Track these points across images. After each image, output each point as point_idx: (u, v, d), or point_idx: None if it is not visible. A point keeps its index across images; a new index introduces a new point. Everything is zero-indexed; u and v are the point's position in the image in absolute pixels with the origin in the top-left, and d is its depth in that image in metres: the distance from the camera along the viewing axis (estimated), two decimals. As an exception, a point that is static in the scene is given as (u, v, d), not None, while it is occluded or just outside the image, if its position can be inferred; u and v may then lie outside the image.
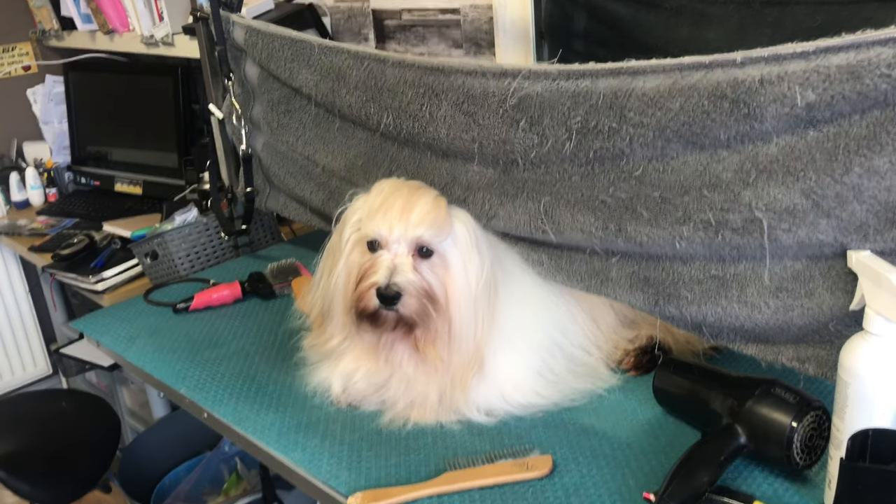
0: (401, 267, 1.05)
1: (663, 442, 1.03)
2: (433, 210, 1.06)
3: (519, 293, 1.15)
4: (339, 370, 1.15)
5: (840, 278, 0.88)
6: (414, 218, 1.05)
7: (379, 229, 1.06)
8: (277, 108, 1.51)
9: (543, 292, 1.16)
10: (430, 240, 1.06)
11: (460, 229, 1.08)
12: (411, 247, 1.06)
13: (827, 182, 0.83)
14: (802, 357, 0.95)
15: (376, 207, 1.08)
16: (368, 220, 1.08)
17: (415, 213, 1.05)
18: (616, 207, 1.01)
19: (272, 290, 1.55)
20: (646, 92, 0.91)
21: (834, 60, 0.78)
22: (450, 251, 1.07)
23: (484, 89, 1.08)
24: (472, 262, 1.08)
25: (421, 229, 1.05)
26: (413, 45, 1.91)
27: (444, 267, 1.07)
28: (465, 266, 1.07)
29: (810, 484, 0.92)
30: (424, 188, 1.10)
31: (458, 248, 1.08)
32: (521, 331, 1.13)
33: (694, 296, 0.99)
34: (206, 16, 1.55)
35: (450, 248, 1.07)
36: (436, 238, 1.06)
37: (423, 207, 1.06)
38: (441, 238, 1.07)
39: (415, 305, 1.04)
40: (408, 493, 0.97)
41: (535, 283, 1.16)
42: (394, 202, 1.07)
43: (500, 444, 1.05)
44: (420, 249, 1.06)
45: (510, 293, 1.13)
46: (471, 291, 1.07)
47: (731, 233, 0.91)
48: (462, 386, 1.08)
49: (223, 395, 1.22)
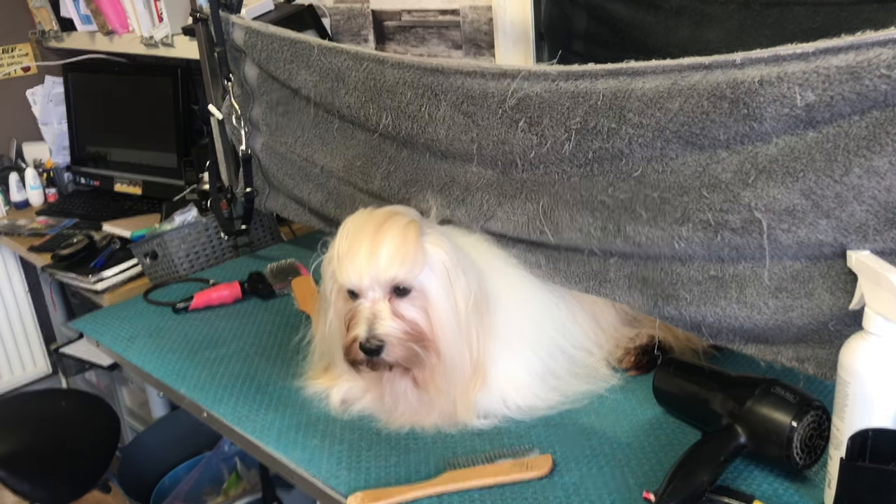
0: (379, 315, 1.02)
1: (663, 441, 1.03)
2: (402, 246, 1.02)
3: (517, 298, 1.14)
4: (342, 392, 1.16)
5: (840, 278, 0.88)
6: (383, 260, 1.01)
7: (350, 280, 1.03)
8: (276, 109, 1.51)
9: (542, 294, 1.16)
10: (405, 278, 1.03)
11: (437, 256, 1.05)
12: (386, 290, 1.03)
13: (826, 182, 0.83)
14: (802, 357, 0.95)
15: (343, 254, 1.04)
16: (340, 270, 1.04)
17: (382, 254, 1.02)
18: (615, 208, 1.01)
19: (272, 290, 1.55)
20: (645, 93, 0.91)
21: (834, 61, 0.78)
22: (428, 282, 1.04)
23: (483, 90, 1.08)
24: (457, 286, 1.05)
25: (392, 271, 1.02)
26: (413, 46, 1.91)
27: (424, 299, 1.04)
28: (448, 293, 1.05)
29: (810, 484, 0.92)
30: (392, 218, 1.06)
31: (436, 277, 1.04)
32: (522, 336, 1.12)
33: (693, 296, 0.99)
34: (206, 17, 1.55)
35: (428, 280, 1.04)
36: (410, 275, 1.03)
37: (390, 246, 1.02)
38: (415, 273, 1.03)
39: (400, 352, 1.03)
40: (408, 493, 0.97)
41: (533, 286, 1.16)
42: (360, 246, 1.03)
43: (499, 444, 1.05)
44: (396, 289, 1.03)
45: (508, 299, 1.13)
46: (458, 316, 1.05)
47: (731, 233, 0.91)
48: (465, 405, 1.08)
49: (223, 395, 1.22)
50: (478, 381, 1.08)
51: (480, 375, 1.08)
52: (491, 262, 1.15)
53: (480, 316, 1.08)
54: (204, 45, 1.62)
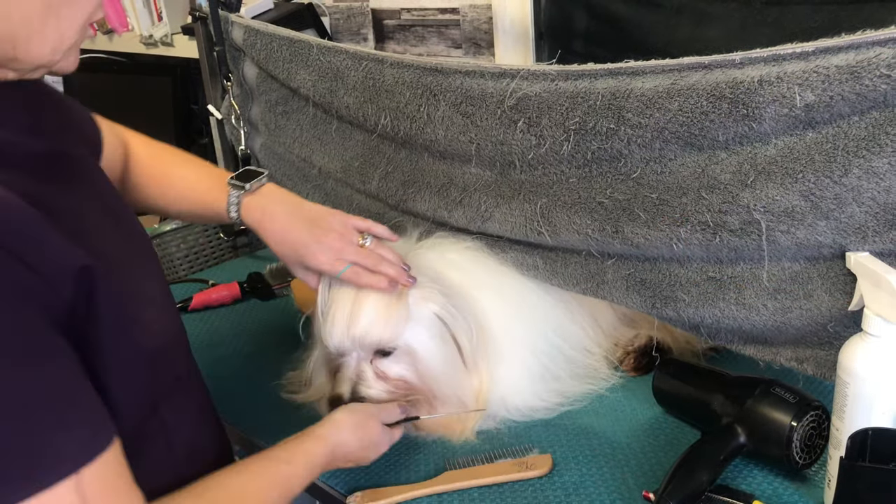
0: (363, 378, 1.02)
1: (663, 441, 1.03)
2: (385, 309, 1.00)
3: (515, 304, 1.14)
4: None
5: (839, 279, 0.87)
6: (363, 324, 0.99)
7: (331, 342, 1.02)
8: (275, 109, 1.50)
9: (540, 297, 1.15)
10: (388, 341, 1.01)
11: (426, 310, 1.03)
12: (369, 353, 1.02)
13: (826, 183, 0.83)
14: (801, 357, 0.95)
15: (325, 313, 1.02)
16: (322, 330, 1.03)
17: (363, 318, 0.99)
18: (613, 209, 1.01)
19: (271, 290, 1.55)
20: (644, 93, 0.91)
21: (833, 61, 0.78)
22: (414, 339, 1.03)
23: (482, 90, 1.08)
24: (458, 332, 1.04)
25: (374, 335, 1.00)
26: (412, 45, 1.91)
27: (411, 356, 1.03)
28: (444, 343, 1.04)
29: (810, 483, 0.93)
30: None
31: (426, 331, 1.03)
32: (522, 342, 1.12)
33: (691, 298, 0.99)
34: (205, 16, 1.55)
35: (414, 336, 1.03)
36: (392, 338, 1.01)
37: (371, 309, 1.00)
38: (398, 334, 1.01)
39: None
40: (407, 493, 0.97)
41: (530, 289, 1.15)
42: (342, 308, 1.01)
43: (499, 444, 1.05)
44: (380, 350, 1.03)
45: (505, 305, 1.12)
46: (464, 359, 1.05)
47: (729, 234, 0.91)
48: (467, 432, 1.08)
49: (222, 395, 1.21)
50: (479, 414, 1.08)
51: (482, 405, 1.08)
52: (479, 275, 1.14)
53: (485, 348, 1.07)
54: (203, 45, 1.62)
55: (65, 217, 0.70)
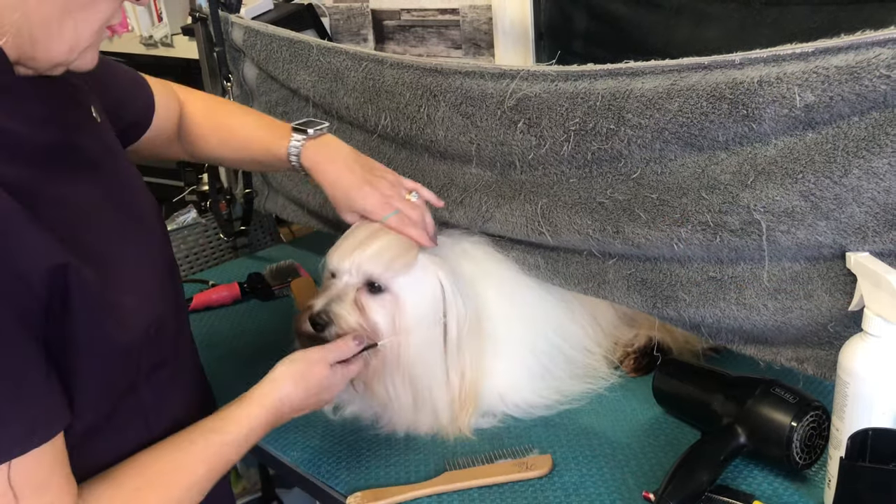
0: (342, 297, 1.02)
1: (663, 441, 1.03)
2: (393, 249, 1.04)
3: (515, 301, 1.14)
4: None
5: (839, 280, 0.88)
6: (368, 252, 1.03)
7: (332, 260, 1.06)
8: (276, 110, 1.50)
9: (540, 297, 1.15)
10: (380, 275, 1.03)
11: (430, 270, 1.05)
12: (361, 280, 1.04)
13: (826, 184, 0.83)
14: (801, 357, 0.95)
15: (341, 240, 1.07)
16: (331, 252, 1.07)
17: (371, 248, 1.03)
18: (613, 209, 1.01)
19: (271, 291, 1.55)
20: (644, 93, 0.91)
21: (833, 61, 0.78)
22: (406, 291, 1.04)
23: (482, 90, 1.08)
24: (450, 312, 1.05)
25: (371, 264, 1.03)
26: (412, 45, 1.91)
27: (395, 304, 1.04)
28: (431, 312, 1.04)
29: (810, 483, 0.93)
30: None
31: (419, 289, 1.05)
32: (520, 338, 1.12)
33: (692, 298, 0.99)
34: (205, 16, 1.55)
35: (406, 286, 1.04)
36: (386, 273, 1.03)
37: (382, 244, 1.04)
38: (392, 274, 1.03)
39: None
40: (407, 493, 0.97)
41: (531, 288, 1.15)
42: (357, 236, 1.06)
43: (499, 444, 1.05)
44: (371, 284, 1.04)
45: (506, 302, 1.13)
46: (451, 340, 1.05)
47: (730, 234, 0.91)
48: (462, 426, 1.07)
49: (222, 395, 1.21)
50: (470, 405, 1.07)
51: (472, 400, 1.07)
52: (488, 267, 1.15)
53: (478, 341, 1.07)
54: (203, 45, 1.62)
55: (50, 207, 0.72)
